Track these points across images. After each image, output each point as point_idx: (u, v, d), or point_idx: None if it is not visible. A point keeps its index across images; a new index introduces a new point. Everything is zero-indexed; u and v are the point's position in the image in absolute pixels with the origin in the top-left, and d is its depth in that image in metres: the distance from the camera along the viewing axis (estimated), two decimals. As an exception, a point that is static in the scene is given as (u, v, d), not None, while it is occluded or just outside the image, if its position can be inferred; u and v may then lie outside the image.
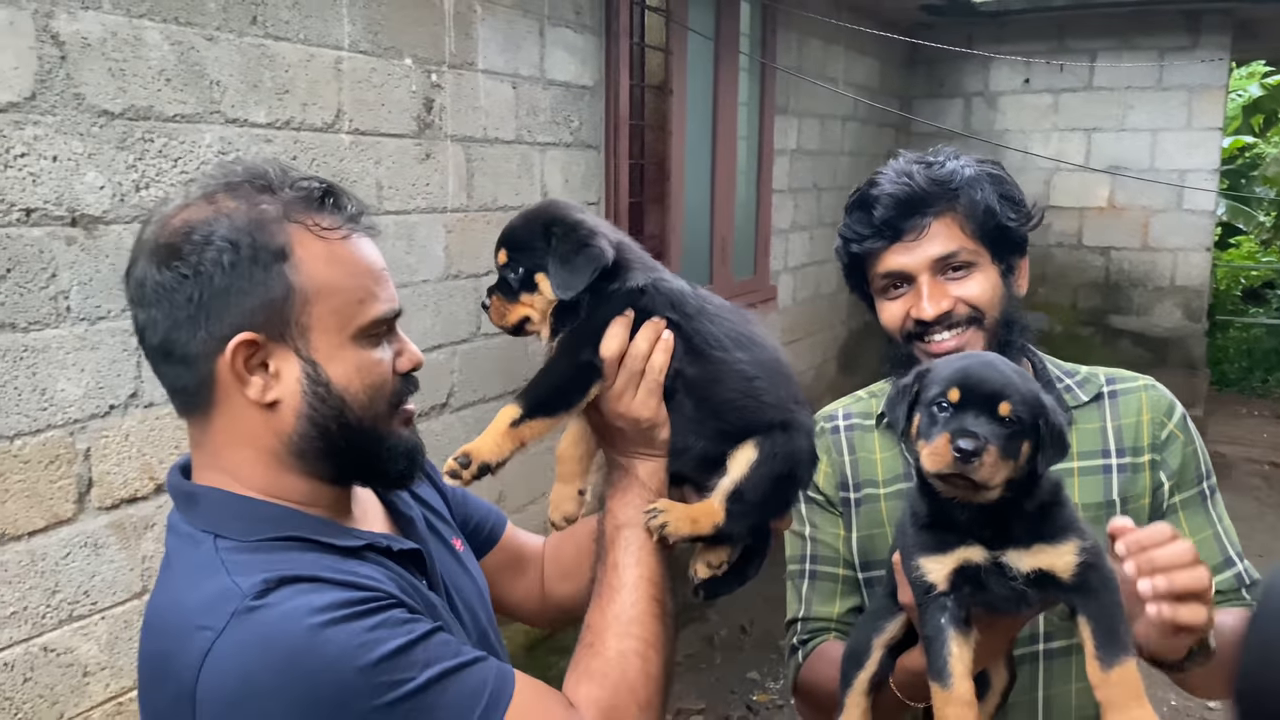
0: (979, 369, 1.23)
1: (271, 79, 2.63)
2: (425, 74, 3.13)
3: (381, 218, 3.01)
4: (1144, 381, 1.67)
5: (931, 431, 1.21)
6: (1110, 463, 1.59)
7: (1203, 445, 1.64)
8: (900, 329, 1.58)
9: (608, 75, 3.95)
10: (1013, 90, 7.61)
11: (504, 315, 1.35)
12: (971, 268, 1.56)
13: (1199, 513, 1.60)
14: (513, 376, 3.64)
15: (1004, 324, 1.58)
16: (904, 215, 1.54)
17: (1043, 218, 1.66)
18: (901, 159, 1.61)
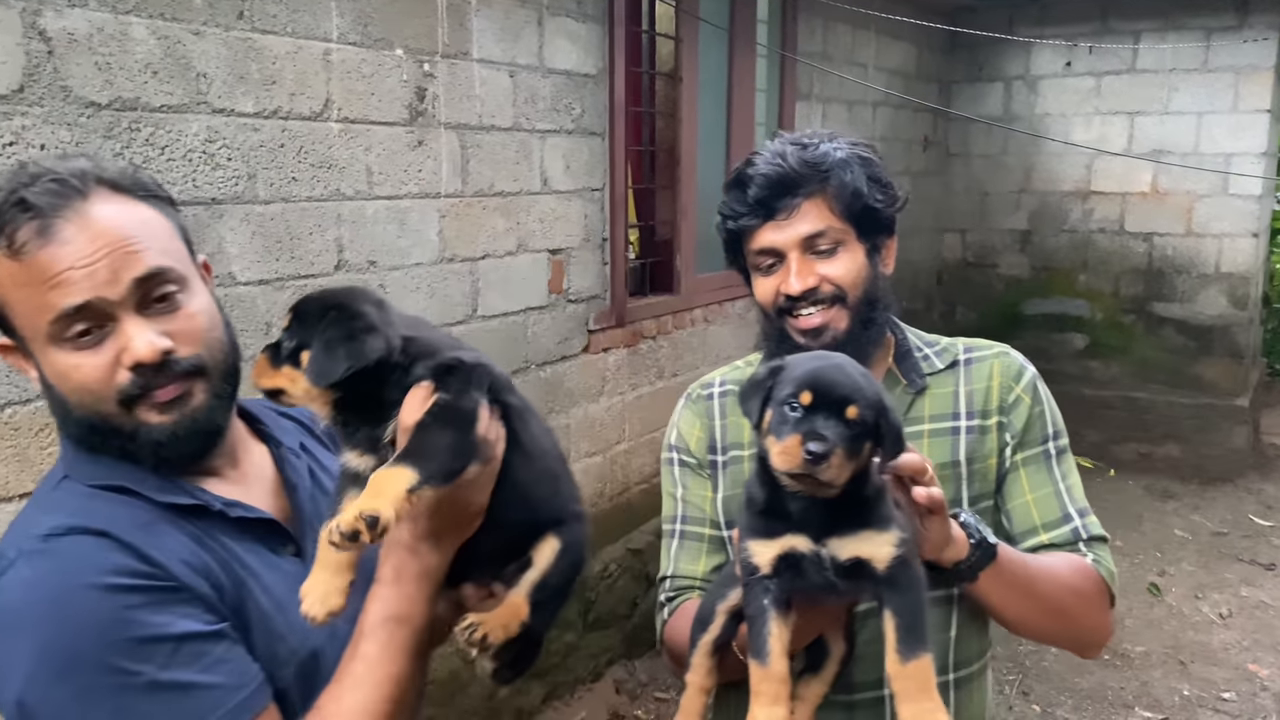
0: (830, 373, 1.31)
1: (259, 70, 2.77)
2: (417, 64, 3.24)
3: (372, 202, 3.13)
4: (998, 349, 1.77)
5: (782, 430, 1.29)
6: (959, 425, 1.69)
7: (1053, 408, 1.73)
8: (772, 304, 1.68)
9: (610, 63, 4.03)
10: (1054, 74, 7.49)
11: (260, 376, 1.29)
12: (838, 247, 1.65)
13: (1039, 470, 1.68)
14: (511, 357, 3.74)
15: (867, 302, 1.66)
16: (776, 195, 1.63)
17: (907, 200, 1.75)
18: (778, 140, 1.70)
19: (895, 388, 1.71)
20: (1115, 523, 6.20)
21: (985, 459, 1.68)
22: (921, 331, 1.82)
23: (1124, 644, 4.88)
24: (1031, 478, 1.67)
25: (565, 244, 3.99)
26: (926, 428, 1.70)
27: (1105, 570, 1.63)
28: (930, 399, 1.71)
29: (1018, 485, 1.68)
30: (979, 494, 1.68)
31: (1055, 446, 1.70)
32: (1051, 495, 1.66)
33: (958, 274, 8.05)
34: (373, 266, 3.16)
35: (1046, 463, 1.68)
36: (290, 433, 1.53)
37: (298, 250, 2.93)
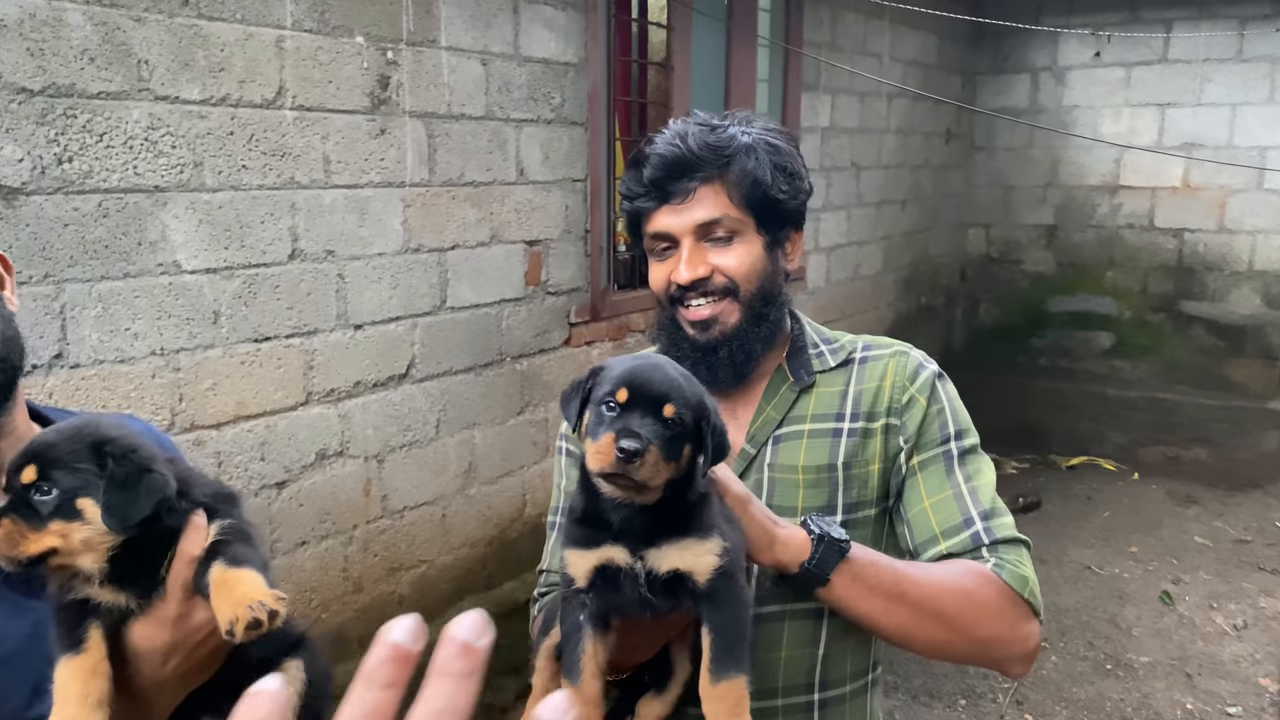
0: (646, 371, 1.26)
1: (205, 58, 2.75)
2: (379, 51, 3.21)
3: (329, 191, 3.10)
4: (896, 349, 1.67)
5: (598, 430, 1.23)
6: (842, 426, 1.60)
7: (957, 407, 1.62)
8: (664, 291, 1.62)
9: (589, 51, 3.96)
10: (1082, 64, 7.28)
11: (18, 544, 1.09)
12: (734, 237, 1.59)
13: (937, 473, 1.57)
14: (484, 349, 3.70)
15: (761, 297, 1.59)
16: (671, 177, 1.55)
17: (811, 191, 1.66)
18: (684, 120, 1.62)
19: (782, 385, 1.64)
20: (1132, 527, 6.01)
21: (866, 463, 1.59)
22: (824, 329, 1.74)
23: (1129, 653, 4.72)
24: (928, 482, 1.56)
25: (544, 235, 3.93)
26: (807, 427, 1.61)
27: (1011, 575, 1.48)
28: (816, 397, 1.63)
29: (915, 492, 1.57)
30: (857, 500, 1.59)
31: (958, 447, 1.58)
32: (950, 499, 1.54)
33: (981, 270, 7.87)
34: (330, 256, 3.13)
35: (946, 464, 1.57)
36: None
37: (248, 239, 2.91)
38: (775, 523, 1.41)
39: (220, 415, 2.89)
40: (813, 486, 1.57)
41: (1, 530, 1.08)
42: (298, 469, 3.12)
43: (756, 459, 1.61)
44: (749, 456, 1.60)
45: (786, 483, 1.58)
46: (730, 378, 1.59)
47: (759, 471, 1.60)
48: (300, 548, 3.16)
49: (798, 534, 1.41)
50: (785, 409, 1.62)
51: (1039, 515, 6.27)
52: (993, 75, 7.59)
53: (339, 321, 3.18)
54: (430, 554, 3.61)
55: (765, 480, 1.59)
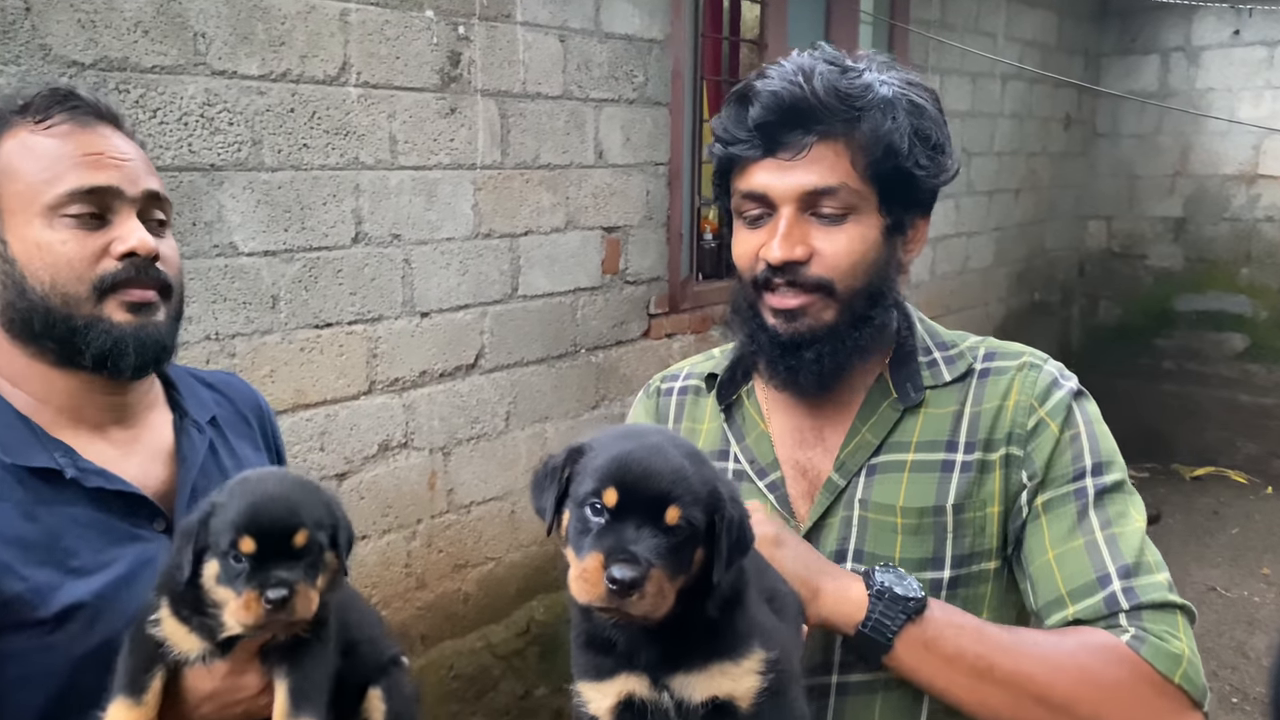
0: (643, 460, 0.99)
1: (265, 31, 2.64)
2: (450, 26, 3.07)
3: (396, 172, 2.98)
4: (1025, 359, 1.34)
5: (582, 545, 0.98)
6: (954, 458, 1.29)
7: (1098, 435, 1.28)
8: (748, 268, 1.31)
9: (674, 27, 3.75)
10: (1219, 43, 6.73)
11: (307, 608, 1.15)
12: (848, 216, 1.26)
13: (1066, 517, 1.24)
14: (557, 340, 3.54)
15: (867, 295, 1.28)
16: (784, 124, 1.24)
17: (958, 172, 1.35)
18: (809, 54, 1.30)
19: (882, 401, 1.34)
20: (1264, 546, 5.54)
21: (982, 505, 1.28)
22: (941, 329, 1.41)
23: (1257, 687, 4.30)
24: (1055, 528, 1.24)
25: (623, 221, 3.75)
26: (911, 457, 1.31)
27: (1156, 651, 1.15)
28: (924, 419, 1.32)
29: (1038, 540, 1.25)
30: (970, 551, 1.28)
31: (1096, 484, 1.25)
32: (1081, 550, 1.21)
33: (1101, 265, 7.38)
34: (396, 240, 3.01)
35: (1079, 505, 1.24)
36: (205, 405, 1.50)
37: (309, 221, 2.80)
38: (821, 572, 1.18)
39: (278, 403, 2.79)
40: (914, 533, 1.28)
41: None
42: (359, 460, 3.01)
43: (846, 493, 1.32)
44: (836, 489, 1.32)
45: (882, 526, 1.29)
46: (813, 384, 1.31)
47: (848, 509, 1.31)
48: (361, 542, 3.05)
49: (852, 588, 1.18)
50: (884, 432, 1.33)
51: (1158, 530, 5.82)
52: (1119, 56, 7.09)
53: (404, 308, 3.06)
54: (498, 551, 3.47)
55: (855, 520, 1.30)
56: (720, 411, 1.44)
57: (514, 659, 3.53)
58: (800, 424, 1.38)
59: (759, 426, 1.41)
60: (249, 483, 1.18)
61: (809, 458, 1.36)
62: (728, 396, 1.44)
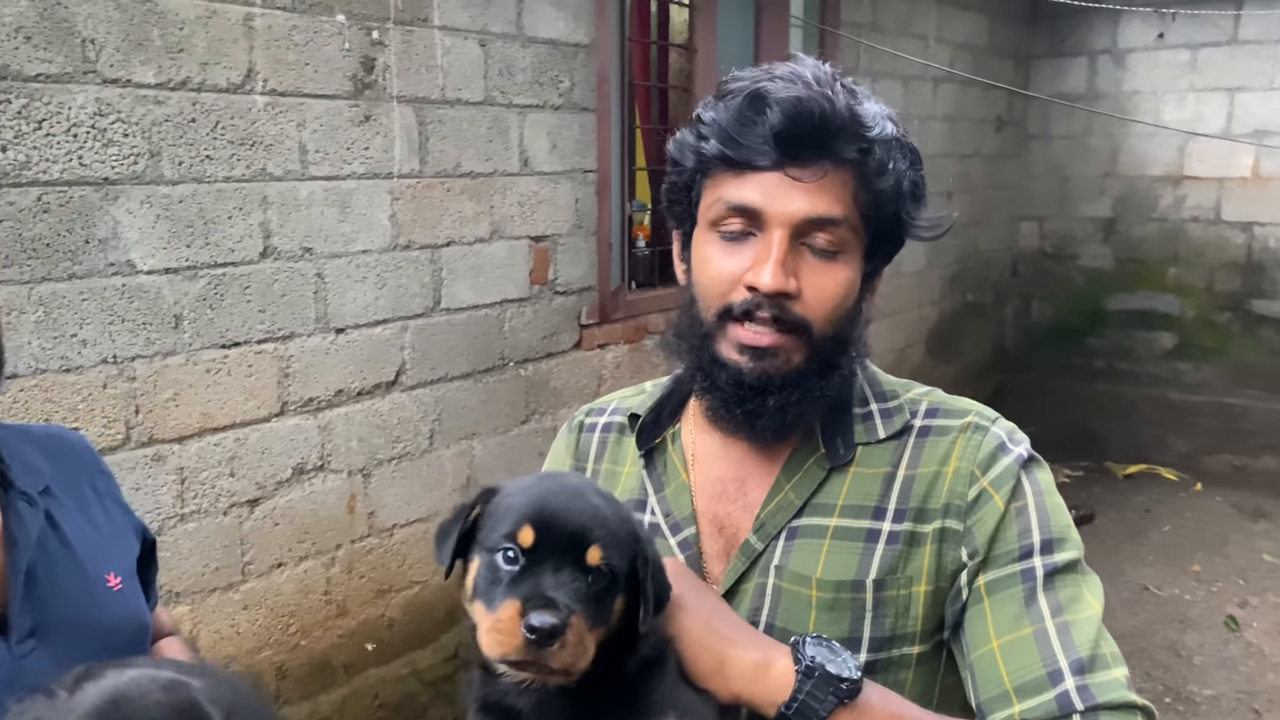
0: (559, 498, 0.93)
1: (162, 37, 2.50)
2: (364, 31, 2.94)
3: (307, 183, 2.85)
4: (970, 420, 1.19)
5: (493, 595, 0.89)
6: (880, 527, 1.15)
7: (1048, 508, 1.13)
8: (723, 293, 1.14)
9: (600, 30, 3.66)
10: (1145, 46, 6.81)
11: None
12: (839, 253, 1.14)
13: (1011, 602, 1.09)
14: (483, 353, 3.43)
15: (837, 342, 1.16)
16: (805, 141, 1.10)
17: (945, 233, 1.26)
18: (812, 66, 1.15)
19: (809, 457, 1.20)
20: (1195, 544, 5.60)
21: (908, 583, 1.13)
22: (883, 377, 1.28)
23: (1190, 685, 4.33)
24: (1000, 613, 1.09)
25: (551, 230, 3.65)
26: (833, 523, 1.16)
27: None
28: (852, 480, 1.18)
29: (980, 626, 1.10)
30: (891, 634, 1.13)
31: (1046, 564, 1.09)
32: (1029, 640, 1.06)
33: (1034, 265, 7.44)
34: (308, 254, 2.88)
35: (1027, 588, 1.09)
36: (36, 472, 1.27)
37: (213, 235, 2.66)
38: (730, 640, 1.04)
39: (183, 428, 2.65)
40: (829, 609, 1.14)
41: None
42: (272, 485, 2.87)
43: (762, 557, 1.18)
44: (753, 553, 1.18)
45: (796, 599, 1.15)
46: (771, 435, 1.18)
47: (763, 575, 1.17)
48: (277, 570, 2.92)
49: (776, 661, 1.04)
50: (808, 492, 1.18)
51: (1093, 529, 5.86)
52: (1049, 59, 7.15)
53: (318, 325, 2.93)
54: (424, 574, 3.35)
55: (770, 589, 1.17)
56: (640, 457, 1.31)
57: (442, 684, 3.42)
58: (724, 474, 1.25)
59: (680, 476, 1.28)
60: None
61: (728, 513, 1.23)
62: (649, 441, 1.31)
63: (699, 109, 1.18)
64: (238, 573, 2.82)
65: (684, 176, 1.19)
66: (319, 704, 3.07)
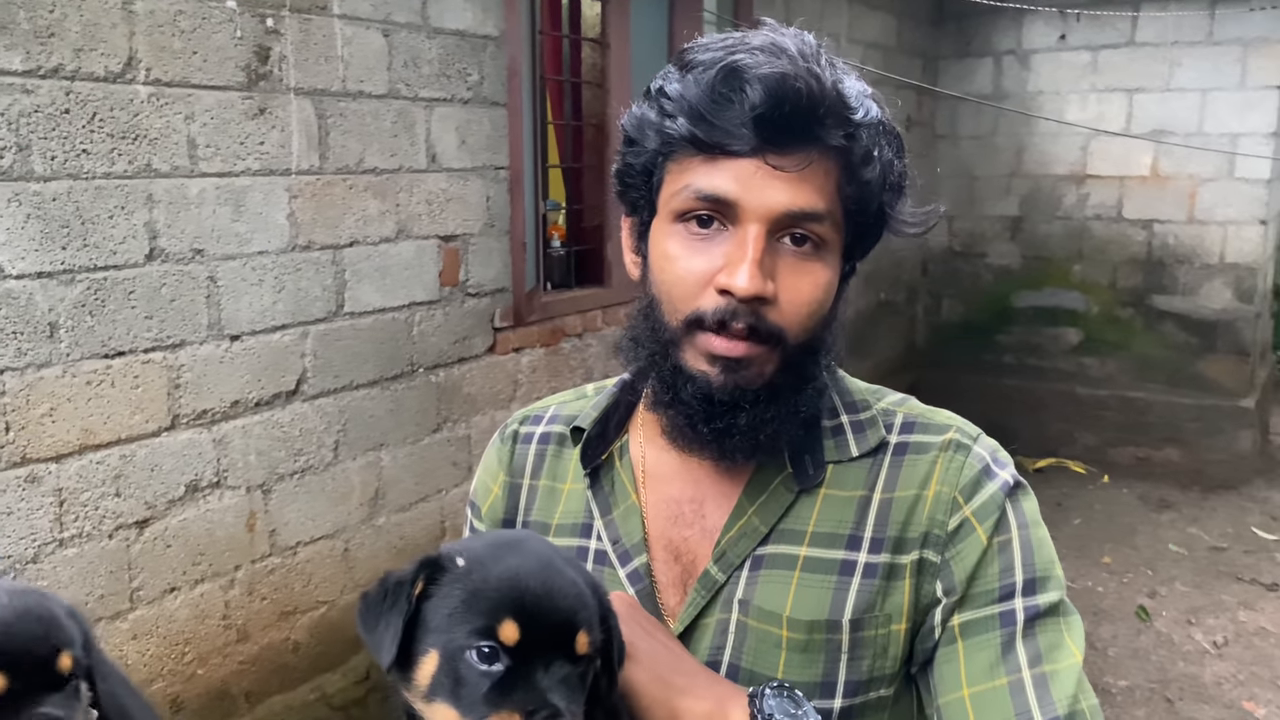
0: (539, 579, 0.80)
1: (29, 20, 2.29)
2: (257, 19, 2.76)
3: (196, 180, 2.66)
4: (950, 436, 1.07)
5: (472, 699, 0.76)
6: (856, 558, 1.03)
7: (1034, 544, 1.02)
8: (693, 296, 0.99)
9: (509, 22, 3.53)
10: (1048, 48, 6.94)
11: None
12: (819, 253, 1.00)
13: (986, 648, 0.98)
14: (391, 360, 3.27)
15: (811, 351, 1.03)
16: (788, 124, 0.95)
17: (926, 231, 1.13)
18: (793, 35, 1.00)
19: (775, 477, 1.07)
20: (1104, 536, 5.71)
21: (886, 621, 1.02)
22: (853, 383, 1.15)
23: (1106, 677, 4.39)
24: (973, 659, 0.99)
25: (461, 230, 3.50)
26: (803, 553, 1.04)
27: None
28: (824, 503, 1.06)
29: (952, 670, 1.00)
30: (869, 677, 1.03)
31: (1028, 607, 0.99)
32: (1004, 692, 0.96)
33: (944, 264, 7.53)
34: (199, 256, 2.69)
35: (1005, 635, 0.98)
36: None
37: (92, 236, 2.45)
38: (683, 690, 0.94)
39: (61, 446, 2.44)
40: (802, 650, 1.02)
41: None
42: (163, 504, 2.67)
43: (724, 591, 1.06)
44: (714, 585, 1.06)
45: (764, 638, 1.03)
46: (743, 455, 1.05)
47: (725, 610, 1.05)
48: (170, 595, 2.72)
49: (731, 715, 0.94)
50: (775, 516, 1.06)
51: (1007, 523, 5.94)
52: (955, 59, 7.24)
53: (211, 332, 2.74)
54: (331, 594, 3.18)
55: (733, 626, 1.04)
56: (585, 475, 1.16)
57: (353, 709, 3.24)
58: (679, 494, 1.11)
59: (630, 497, 1.13)
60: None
61: (685, 538, 1.10)
62: (595, 458, 1.16)
63: (659, 81, 1.03)
64: (125, 600, 2.61)
65: (643, 158, 1.03)
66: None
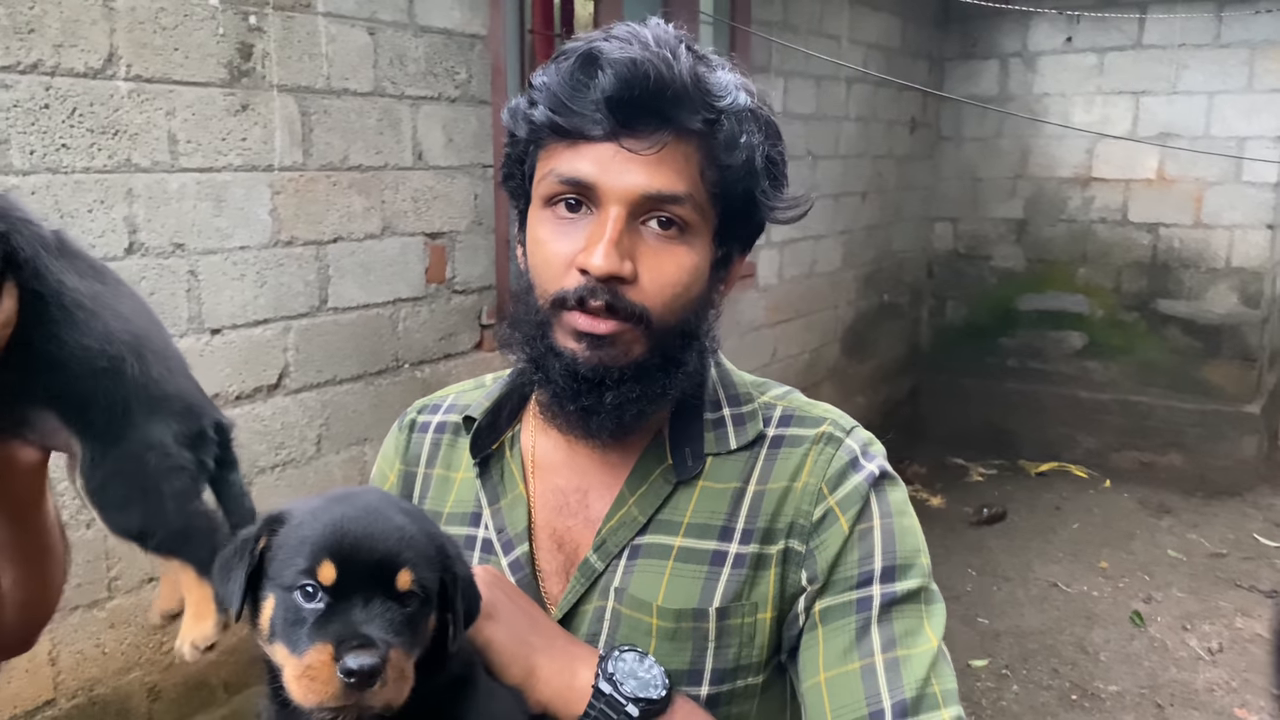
0: (357, 520, 0.85)
1: (8, 16, 2.33)
2: (240, 16, 2.79)
3: (176, 175, 2.69)
4: (824, 429, 1.10)
5: (299, 637, 0.82)
6: (727, 549, 1.06)
7: (896, 532, 1.05)
8: (556, 278, 1.03)
9: (494, 21, 3.55)
10: (1053, 50, 6.91)
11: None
12: (682, 236, 1.03)
13: (842, 633, 1.01)
14: (375, 355, 3.30)
15: (680, 334, 1.06)
16: (642, 106, 0.98)
17: (803, 215, 1.13)
18: (657, 24, 1.04)
19: (655, 468, 1.10)
20: (1102, 540, 5.67)
21: (753, 610, 1.05)
22: (737, 374, 1.18)
23: (1095, 681, 4.37)
24: (831, 643, 1.02)
25: (448, 227, 3.53)
26: (677, 543, 1.07)
27: None
28: (700, 495, 1.09)
29: (811, 657, 1.03)
30: (735, 664, 1.06)
31: (883, 594, 1.03)
32: (856, 676, 0.99)
33: (949, 266, 7.51)
34: (179, 250, 2.72)
35: (860, 620, 1.02)
36: None
37: (72, 230, 2.45)
38: (540, 648, 0.98)
39: (38, 435, 2.47)
40: (670, 638, 1.05)
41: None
42: (141, 495, 2.70)
43: (602, 579, 1.09)
44: (593, 574, 1.09)
45: (636, 626, 1.06)
46: (607, 433, 1.08)
47: (603, 598, 1.09)
48: (148, 585, 2.75)
49: (579, 673, 0.98)
50: (653, 507, 1.09)
51: (1004, 527, 5.92)
52: (960, 61, 7.22)
53: (191, 325, 2.77)
54: (312, 586, 3.20)
55: (609, 613, 1.08)
56: (475, 465, 1.20)
57: (333, 701, 3.27)
58: (565, 484, 1.15)
59: (517, 487, 1.17)
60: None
61: (568, 527, 1.14)
62: (485, 447, 1.19)
63: (535, 73, 1.07)
64: (103, 589, 2.65)
65: (517, 148, 1.08)
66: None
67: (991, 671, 4.42)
